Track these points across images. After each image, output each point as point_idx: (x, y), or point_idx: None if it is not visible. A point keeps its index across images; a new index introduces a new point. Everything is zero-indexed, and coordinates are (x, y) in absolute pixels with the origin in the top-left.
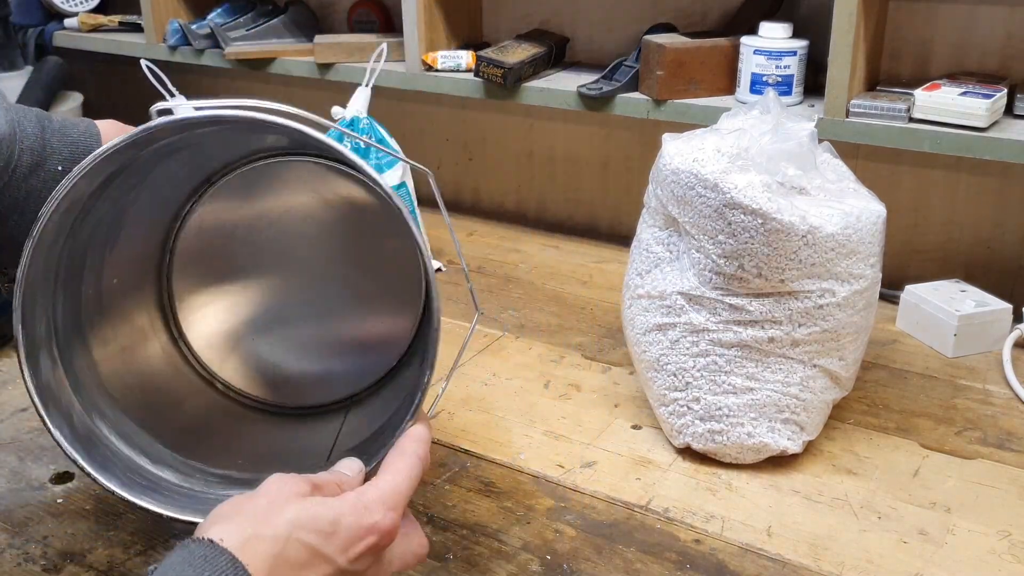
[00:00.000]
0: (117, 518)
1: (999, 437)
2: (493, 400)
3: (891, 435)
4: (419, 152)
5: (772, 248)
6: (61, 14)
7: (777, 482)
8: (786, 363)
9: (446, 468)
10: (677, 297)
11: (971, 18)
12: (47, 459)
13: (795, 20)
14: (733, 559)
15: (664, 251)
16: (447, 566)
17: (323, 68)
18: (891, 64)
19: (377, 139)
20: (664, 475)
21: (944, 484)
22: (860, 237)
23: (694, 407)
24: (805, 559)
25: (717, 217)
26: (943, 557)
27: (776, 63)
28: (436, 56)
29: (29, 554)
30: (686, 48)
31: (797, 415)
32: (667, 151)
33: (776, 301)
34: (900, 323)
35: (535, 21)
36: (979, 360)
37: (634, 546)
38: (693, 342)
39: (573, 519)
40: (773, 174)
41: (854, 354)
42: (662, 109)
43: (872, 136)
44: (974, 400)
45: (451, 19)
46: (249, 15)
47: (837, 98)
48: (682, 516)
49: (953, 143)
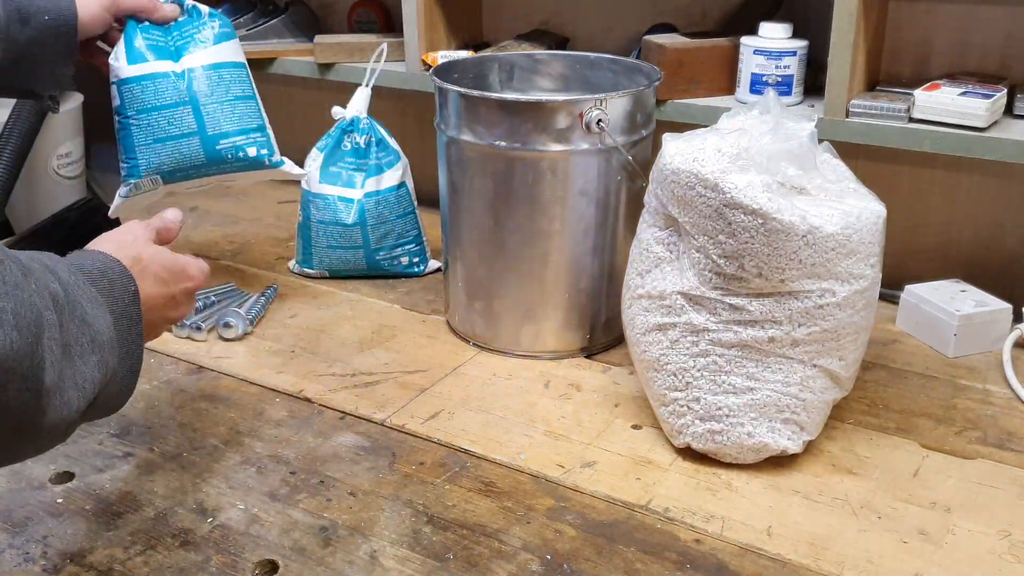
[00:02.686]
0: (117, 518)
1: (999, 437)
2: (493, 400)
3: (891, 435)
4: (420, 152)
5: (772, 248)
6: None
7: (777, 482)
8: (786, 363)
9: (446, 468)
10: (677, 297)
11: (971, 18)
12: (47, 459)
13: (795, 20)
14: (733, 559)
15: (664, 251)
16: (447, 566)
17: (323, 68)
18: (891, 64)
19: (377, 139)
20: (664, 475)
21: (944, 484)
22: (860, 237)
23: (694, 407)
24: (805, 559)
25: (717, 217)
26: (943, 557)
27: (776, 63)
28: (436, 56)
29: (29, 554)
30: (686, 48)
31: (797, 415)
32: (667, 151)
33: (776, 301)
34: (900, 323)
35: (535, 21)
36: (979, 360)
37: (634, 546)
38: (693, 342)
39: (573, 519)
40: (773, 174)
41: (854, 354)
42: (662, 109)
43: (872, 136)
44: (974, 400)
45: (451, 19)
46: (249, 15)
47: (837, 98)
48: (682, 516)
49: (953, 143)
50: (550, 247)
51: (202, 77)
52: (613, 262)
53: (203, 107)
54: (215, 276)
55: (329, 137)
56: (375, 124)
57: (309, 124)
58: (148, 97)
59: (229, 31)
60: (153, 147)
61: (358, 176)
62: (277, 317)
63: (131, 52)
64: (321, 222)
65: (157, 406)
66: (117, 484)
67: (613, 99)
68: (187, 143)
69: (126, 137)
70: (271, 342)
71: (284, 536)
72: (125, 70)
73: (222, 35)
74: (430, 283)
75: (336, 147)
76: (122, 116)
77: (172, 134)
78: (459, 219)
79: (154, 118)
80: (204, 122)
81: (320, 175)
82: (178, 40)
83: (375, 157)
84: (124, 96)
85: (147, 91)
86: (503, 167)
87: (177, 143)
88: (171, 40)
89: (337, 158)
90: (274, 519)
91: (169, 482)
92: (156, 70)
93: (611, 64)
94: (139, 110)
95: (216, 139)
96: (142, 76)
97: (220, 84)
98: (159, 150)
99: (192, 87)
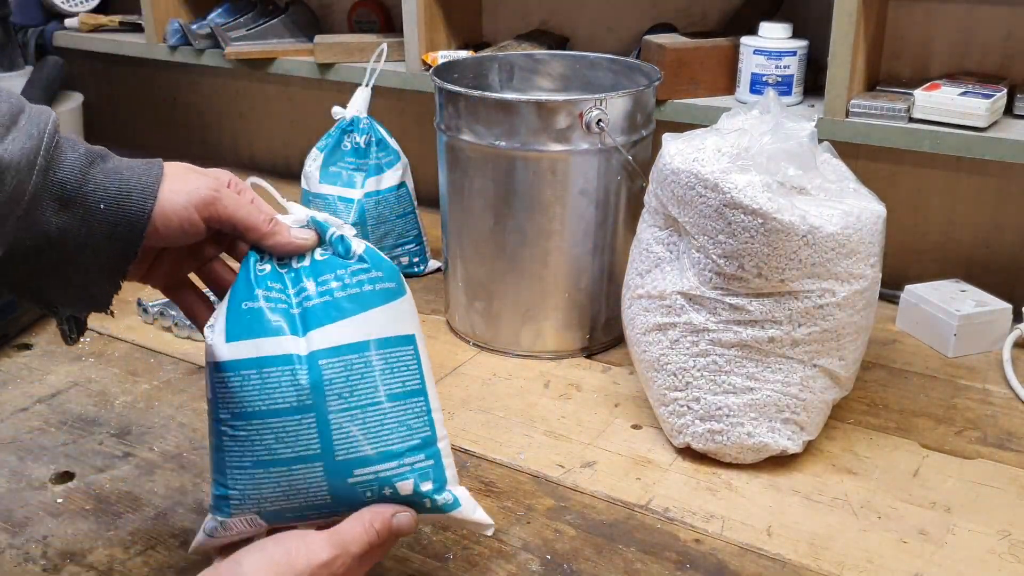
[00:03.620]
0: (117, 518)
1: (999, 437)
2: (493, 400)
3: (891, 435)
4: (420, 152)
5: (772, 248)
6: (61, 14)
7: (777, 482)
8: (786, 363)
9: None
10: (677, 297)
11: (971, 18)
12: (47, 459)
13: (795, 20)
14: (733, 559)
15: (664, 251)
16: (447, 566)
17: (323, 68)
18: (891, 64)
19: (377, 139)
20: (664, 475)
21: (944, 484)
22: (860, 237)
23: (694, 407)
24: (805, 559)
25: (717, 217)
26: (943, 557)
27: (776, 63)
28: (436, 56)
29: (29, 554)
30: (686, 48)
31: (797, 415)
32: (667, 151)
33: (776, 301)
34: (900, 323)
35: (535, 21)
36: (979, 360)
37: (634, 546)
38: (693, 342)
39: (573, 519)
40: (773, 174)
41: (854, 354)
42: (662, 109)
43: (872, 136)
44: (974, 400)
45: (451, 19)
46: (249, 15)
47: (837, 98)
48: (682, 516)
49: (953, 143)
50: (550, 247)
51: (337, 365)
52: (613, 262)
53: (331, 415)
54: None
55: (329, 137)
56: (375, 124)
57: (309, 124)
58: (252, 396)
59: (397, 285)
60: (252, 473)
61: (358, 176)
62: None
63: (234, 317)
64: None
65: (157, 406)
66: (117, 484)
67: (613, 99)
68: (302, 471)
69: (218, 449)
70: None
71: None
72: (222, 349)
73: (385, 293)
74: (430, 283)
75: (336, 147)
76: (214, 418)
77: (282, 456)
78: (459, 219)
79: (257, 428)
80: (331, 440)
81: (320, 175)
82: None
83: (375, 157)
84: (217, 389)
85: (250, 385)
86: (503, 167)
87: (289, 470)
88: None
89: (337, 158)
90: None
91: (169, 482)
92: (270, 352)
93: (611, 64)
94: (236, 414)
95: (349, 468)
96: (246, 361)
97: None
98: (260, 479)
99: (322, 380)
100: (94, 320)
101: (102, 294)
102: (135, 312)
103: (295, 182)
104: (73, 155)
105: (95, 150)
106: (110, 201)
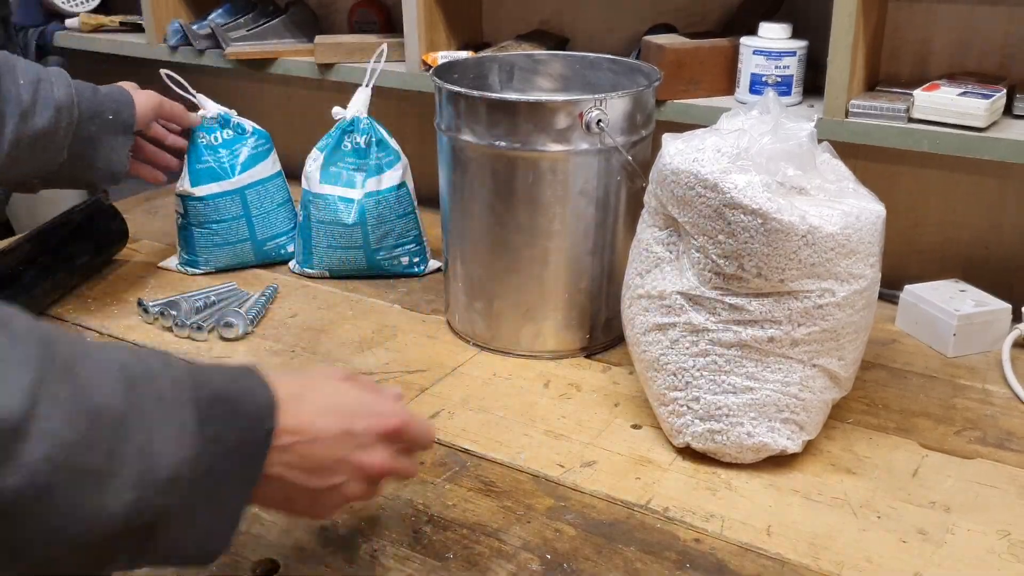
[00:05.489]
0: None
1: (999, 437)
2: (493, 399)
3: (891, 435)
4: (420, 152)
5: (772, 248)
6: (62, 14)
7: (777, 482)
8: (786, 363)
9: (446, 467)
10: (677, 297)
11: (970, 18)
12: None
13: (795, 20)
14: (733, 558)
15: (664, 251)
16: (447, 565)
17: (323, 68)
18: (890, 64)
19: (377, 139)
20: (664, 474)
21: (943, 484)
22: (860, 237)
23: (694, 407)
24: (804, 558)
25: (717, 217)
26: (942, 557)
27: (776, 63)
28: (436, 56)
29: None
30: (686, 48)
31: (797, 415)
32: (667, 151)
33: (776, 301)
34: (900, 323)
35: (535, 21)
36: (979, 360)
37: (634, 545)
38: (693, 342)
39: (573, 518)
40: (773, 174)
41: (854, 354)
42: (662, 109)
43: (871, 136)
44: (974, 400)
45: (451, 19)
46: (250, 15)
47: (837, 98)
48: (682, 515)
49: (952, 143)
50: (550, 247)
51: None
52: (613, 262)
53: (253, 217)
54: (216, 277)
55: (329, 137)
56: (375, 124)
57: (309, 124)
58: (210, 212)
59: (270, 144)
60: (212, 251)
61: (358, 176)
62: (277, 317)
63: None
64: (321, 222)
65: None
66: None
67: (613, 99)
68: (240, 246)
69: (188, 237)
70: (271, 342)
71: (285, 536)
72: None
73: (268, 151)
74: (430, 283)
75: (336, 147)
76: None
77: (227, 240)
78: (459, 219)
79: (212, 228)
80: (255, 229)
81: (320, 175)
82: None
83: (375, 157)
84: (191, 213)
85: (208, 207)
86: (503, 167)
87: (233, 248)
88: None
89: (337, 158)
90: (275, 518)
91: None
92: (219, 190)
93: (611, 64)
94: (202, 222)
95: (264, 242)
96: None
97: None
98: (218, 253)
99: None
100: (95, 320)
101: (119, 161)
102: (135, 312)
103: (296, 182)
104: (86, 90)
105: (88, 84)
106: (114, 107)
